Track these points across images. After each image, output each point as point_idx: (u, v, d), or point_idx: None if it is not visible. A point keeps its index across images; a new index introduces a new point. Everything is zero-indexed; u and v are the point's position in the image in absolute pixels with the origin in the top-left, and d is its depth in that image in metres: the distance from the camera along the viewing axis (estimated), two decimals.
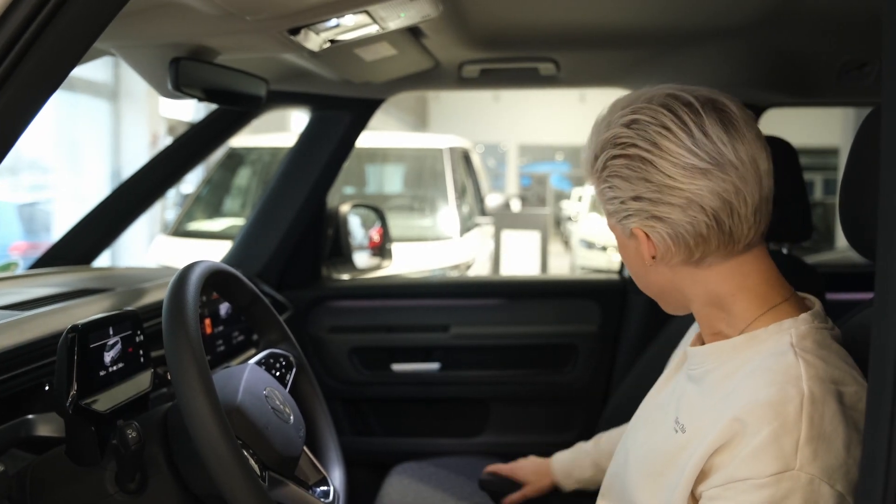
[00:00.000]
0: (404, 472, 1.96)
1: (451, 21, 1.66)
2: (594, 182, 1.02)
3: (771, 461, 0.84)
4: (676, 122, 0.94)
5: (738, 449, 0.86)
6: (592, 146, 1.01)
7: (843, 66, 1.88)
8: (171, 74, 1.36)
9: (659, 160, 0.94)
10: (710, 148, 0.93)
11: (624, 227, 1.00)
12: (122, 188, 2.14)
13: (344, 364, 2.33)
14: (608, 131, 0.98)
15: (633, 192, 0.96)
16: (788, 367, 0.89)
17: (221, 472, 0.92)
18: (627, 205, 0.97)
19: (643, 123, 0.95)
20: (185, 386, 0.93)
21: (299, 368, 1.30)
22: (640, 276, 1.06)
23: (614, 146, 0.97)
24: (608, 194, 0.99)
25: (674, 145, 0.93)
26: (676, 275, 1.00)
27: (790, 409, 0.85)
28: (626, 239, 1.02)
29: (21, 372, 1.16)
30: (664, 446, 1.00)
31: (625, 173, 0.96)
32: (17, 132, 0.85)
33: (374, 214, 2.74)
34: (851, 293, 2.17)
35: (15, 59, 0.81)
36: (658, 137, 0.94)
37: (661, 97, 0.96)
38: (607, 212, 1.03)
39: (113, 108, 7.31)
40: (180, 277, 1.04)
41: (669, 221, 0.95)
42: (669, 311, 1.08)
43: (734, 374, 0.94)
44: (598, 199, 1.03)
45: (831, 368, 0.89)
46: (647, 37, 1.84)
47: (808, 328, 0.94)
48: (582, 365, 2.31)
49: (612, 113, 0.99)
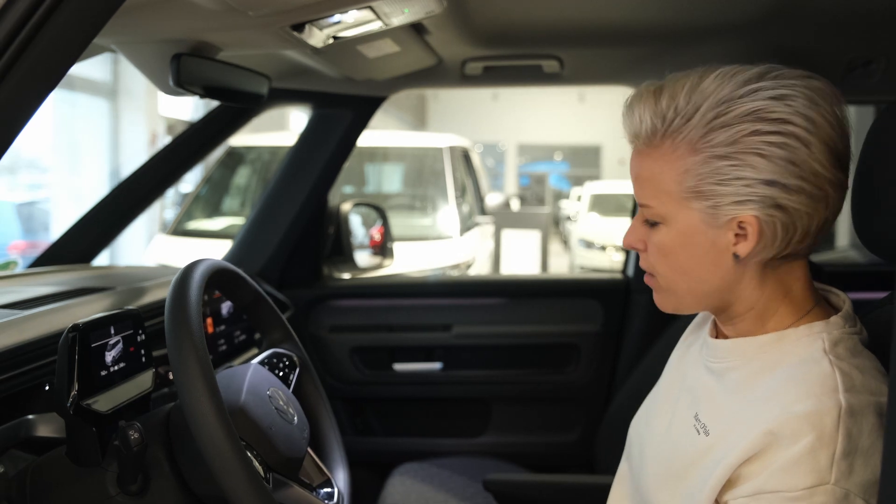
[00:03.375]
0: (407, 472, 1.96)
1: (455, 18, 1.65)
2: (698, 157, 0.88)
3: (805, 474, 0.81)
4: (826, 103, 0.86)
5: (770, 460, 0.83)
6: (709, 115, 0.87)
7: (848, 64, 1.86)
8: (173, 71, 1.35)
9: (815, 141, 0.85)
10: (847, 139, 0.88)
11: (721, 212, 0.88)
12: (122, 187, 2.13)
13: (345, 364, 2.32)
14: (747, 103, 0.85)
15: (770, 174, 0.85)
16: (824, 377, 0.85)
17: (225, 474, 0.90)
18: (754, 188, 0.86)
19: (795, 98, 0.85)
20: (189, 386, 0.91)
21: (303, 368, 1.28)
22: (701, 271, 0.93)
23: (762, 120, 0.85)
24: (730, 173, 0.86)
25: (828, 126, 0.85)
26: (745, 274, 0.92)
27: (827, 422, 0.81)
28: (706, 227, 0.90)
29: (21, 372, 1.15)
30: (685, 447, 0.97)
31: (771, 152, 0.85)
32: (15, 130, 0.83)
33: (375, 213, 2.73)
34: (853, 293, 2.16)
35: (13, 56, 0.80)
36: (813, 115, 0.85)
37: (798, 76, 0.87)
38: (707, 193, 0.88)
39: (112, 106, 7.30)
40: (183, 275, 1.03)
41: (792, 213, 0.86)
42: (689, 311, 0.99)
43: (762, 376, 0.91)
44: (691, 178, 0.88)
45: (868, 378, 0.85)
46: (651, 34, 1.83)
47: (840, 333, 0.90)
48: (584, 364, 2.30)
49: (734, 85, 0.87)
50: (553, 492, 1.69)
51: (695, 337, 1.11)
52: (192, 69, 1.38)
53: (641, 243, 0.97)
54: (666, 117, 0.89)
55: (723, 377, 0.96)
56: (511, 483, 1.71)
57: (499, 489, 1.69)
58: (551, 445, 2.34)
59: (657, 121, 0.90)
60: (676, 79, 0.91)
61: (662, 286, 0.97)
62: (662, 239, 0.94)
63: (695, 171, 0.88)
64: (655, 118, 0.90)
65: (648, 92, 0.92)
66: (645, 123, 0.91)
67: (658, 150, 0.91)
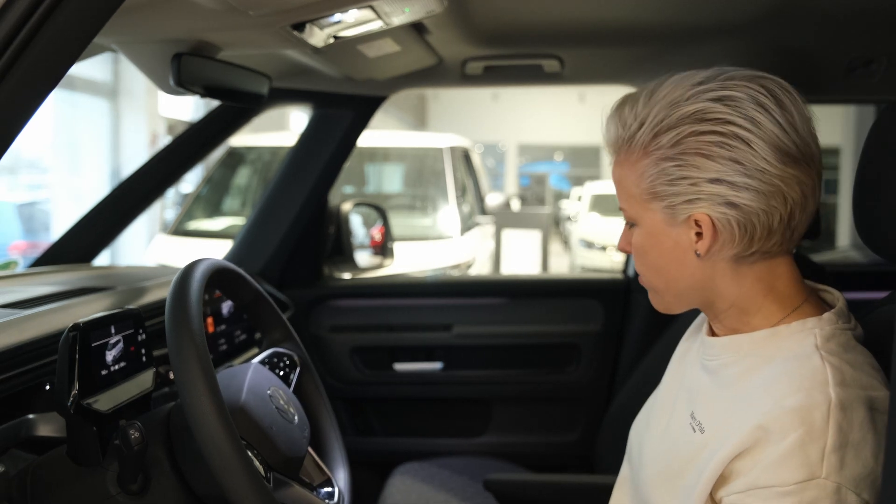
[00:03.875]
0: (407, 472, 1.96)
1: (456, 17, 1.65)
2: (648, 160, 0.92)
3: (796, 469, 0.81)
4: (773, 103, 0.88)
5: (761, 455, 0.84)
6: (656, 119, 0.90)
7: (849, 64, 1.86)
8: (174, 70, 1.35)
9: (757, 140, 0.87)
10: (805, 136, 0.89)
11: (677, 212, 0.92)
12: (122, 187, 2.13)
13: (345, 363, 2.32)
14: (690, 105, 0.89)
15: (715, 173, 0.88)
16: (814, 371, 0.85)
17: (225, 473, 0.90)
18: (701, 187, 0.89)
19: (738, 100, 0.88)
20: (189, 385, 0.91)
21: (303, 368, 1.28)
22: (670, 270, 0.96)
23: (702, 121, 0.88)
24: (675, 174, 0.90)
25: (773, 126, 0.87)
26: (716, 271, 0.94)
27: (816, 416, 0.82)
28: (667, 227, 0.94)
29: (21, 371, 1.15)
30: (682, 446, 0.97)
31: (712, 151, 0.88)
32: (16, 130, 0.83)
33: (375, 213, 2.72)
34: (854, 292, 2.16)
35: (13, 56, 0.79)
36: (757, 115, 0.87)
37: (747, 77, 0.90)
38: (660, 194, 0.92)
39: (112, 106, 7.31)
40: (183, 275, 1.03)
41: (745, 210, 0.88)
42: (679, 310, 1.01)
43: (754, 372, 0.92)
44: (646, 180, 0.92)
45: (858, 373, 0.86)
46: (653, 34, 1.83)
47: (832, 329, 0.91)
48: (585, 364, 2.30)
49: (683, 89, 0.90)
50: (554, 492, 1.70)
51: (694, 339, 1.11)
52: (192, 69, 1.38)
53: (628, 245, 1.02)
54: (626, 124, 0.94)
55: (717, 374, 0.97)
56: (512, 483, 1.71)
57: (499, 489, 1.69)
58: (552, 445, 2.34)
59: (620, 129, 0.95)
60: (644, 87, 0.95)
61: (647, 285, 1.02)
62: (637, 240, 0.99)
63: (647, 174, 0.92)
64: (619, 126, 0.95)
65: (620, 102, 0.97)
66: (611, 132, 0.97)
67: (621, 155, 0.96)
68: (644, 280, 1.02)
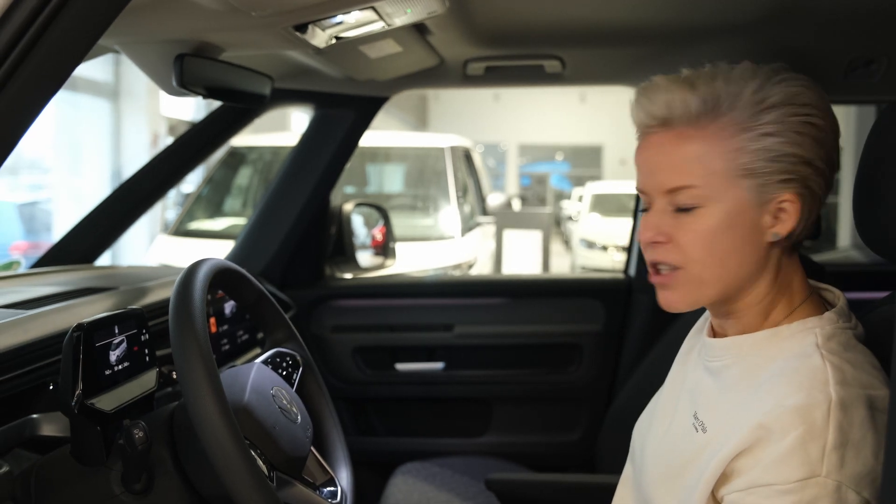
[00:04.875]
0: (409, 472, 1.96)
1: (457, 18, 1.65)
2: (749, 135, 0.90)
3: (796, 467, 0.82)
4: (827, 102, 0.94)
5: (762, 454, 0.84)
6: (757, 97, 0.91)
7: (850, 64, 1.86)
8: (176, 71, 1.35)
9: (832, 133, 0.93)
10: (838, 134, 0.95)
11: (768, 191, 0.91)
12: (124, 187, 2.13)
13: (347, 363, 2.32)
14: (785, 89, 0.91)
15: (808, 153, 0.90)
16: (815, 370, 0.86)
17: (229, 473, 0.90)
18: (797, 167, 0.90)
19: (818, 92, 0.93)
20: (193, 385, 0.91)
21: (306, 368, 1.29)
22: (738, 256, 0.93)
23: (801, 105, 0.91)
24: (779, 150, 0.90)
25: (835, 123, 0.93)
26: (770, 261, 0.94)
27: (817, 415, 0.82)
28: (751, 207, 0.92)
29: (25, 371, 1.15)
30: (684, 445, 0.98)
31: (808, 132, 0.90)
32: (20, 131, 0.83)
33: (377, 213, 2.73)
34: (855, 292, 2.16)
35: (18, 57, 0.80)
36: (829, 110, 0.93)
37: (801, 77, 0.94)
38: (758, 171, 0.90)
39: (113, 107, 7.31)
40: (187, 275, 1.03)
41: (815, 195, 0.93)
42: (705, 304, 0.98)
43: (756, 372, 0.92)
44: (744, 156, 0.90)
45: (859, 372, 0.87)
46: (653, 34, 1.83)
47: (833, 328, 0.92)
48: (586, 364, 2.30)
49: (760, 72, 0.93)
50: (555, 491, 1.70)
51: (696, 340, 1.12)
52: (195, 69, 1.38)
53: (665, 236, 0.95)
54: (712, 99, 0.91)
55: (720, 375, 0.98)
56: (513, 482, 1.71)
57: (501, 489, 1.69)
58: (553, 445, 2.35)
59: (702, 103, 0.92)
60: (695, 71, 0.95)
61: (688, 278, 0.95)
62: (705, 223, 0.92)
63: (747, 149, 0.90)
64: (699, 101, 0.91)
65: (675, 79, 0.94)
66: (689, 105, 0.92)
67: (705, 130, 0.92)
68: (693, 270, 0.94)
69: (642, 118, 0.96)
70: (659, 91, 0.94)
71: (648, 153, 0.96)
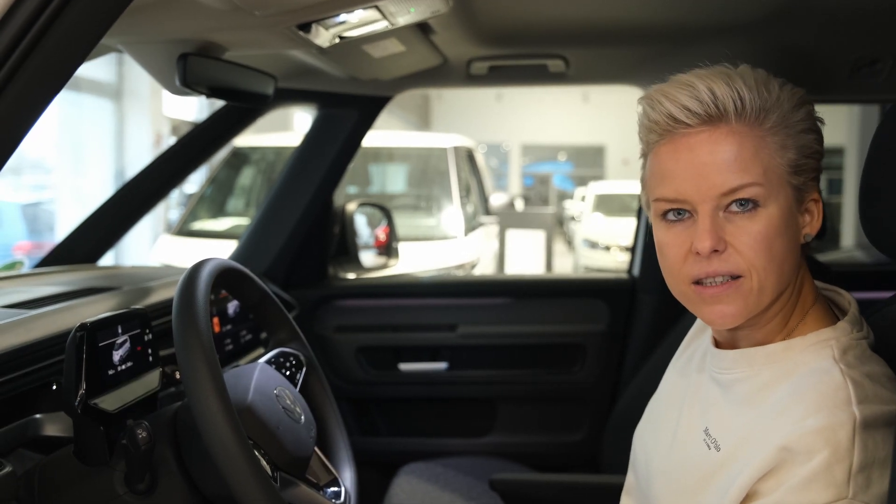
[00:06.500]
0: (412, 472, 1.96)
1: (461, 17, 1.65)
2: (790, 131, 0.89)
3: (822, 490, 0.79)
4: None
5: (786, 476, 0.81)
6: (785, 94, 0.90)
7: (854, 64, 1.86)
8: (179, 71, 1.35)
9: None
10: None
11: (807, 189, 0.90)
12: (127, 187, 2.13)
13: (350, 364, 2.32)
14: (793, 89, 0.92)
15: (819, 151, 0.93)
16: (836, 388, 0.83)
17: (233, 473, 0.90)
18: (819, 164, 0.93)
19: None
20: (197, 385, 0.91)
21: (309, 368, 1.28)
22: (789, 260, 0.89)
23: (811, 102, 0.93)
24: (814, 146, 0.91)
25: None
26: (802, 266, 0.93)
27: (842, 436, 0.80)
28: (793, 207, 0.89)
29: (28, 371, 1.15)
30: (696, 462, 0.95)
31: (817, 131, 0.92)
32: (23, 132, 0.83)
33: (380, 213, 2.72)
34: (860, 292, 2.16)
35: (20, 57, 0.79)
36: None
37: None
38: (802, 168, 0.89)
39: (116, 107, 7.31)
40: (190, 275, 1.03)
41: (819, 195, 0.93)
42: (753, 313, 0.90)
43: (772, 388, 0.89)
44: (790, 152, 0.88)
45: (878, 387, 0.84)
46: (657, 33, 1.83)
47: (848, 340, 0.89)
48: (590, 365, 2.30)
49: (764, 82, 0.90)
50: (559, 491, 1.70)
51: (695, 346, 1.09)
52: (198, 69, 1.38)
53: (724, 243, 0.87)
54: (759, 95, 0.88)
55: (730, 389, 0.95)
56: (517, 482, 1.71)
57: (505, 489, 1.69)
58: (557, 445, 2.34)
59: (756, 98, 0.88)
60: (725, 69, 0.91)
61: (749, 288, 0.88)
62: (764, 224, 0.86)
63: (792, 146, 0.89)
64: (752, 95, 0.87)
65: (718, 73, 0.89)
66: (746, 100, 0.87)
67: (759, 126, 0.88)
68: (756, 279, 0.87)
69: (677, 114, 0.88)
70: (699, 86, 0.87)
71: (692, 155, 0.88)
